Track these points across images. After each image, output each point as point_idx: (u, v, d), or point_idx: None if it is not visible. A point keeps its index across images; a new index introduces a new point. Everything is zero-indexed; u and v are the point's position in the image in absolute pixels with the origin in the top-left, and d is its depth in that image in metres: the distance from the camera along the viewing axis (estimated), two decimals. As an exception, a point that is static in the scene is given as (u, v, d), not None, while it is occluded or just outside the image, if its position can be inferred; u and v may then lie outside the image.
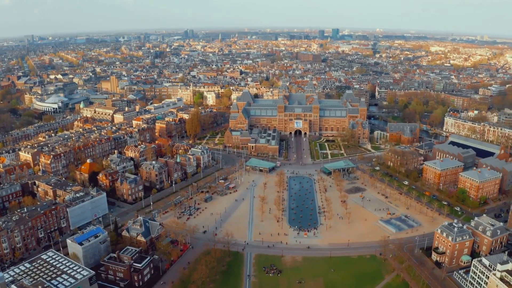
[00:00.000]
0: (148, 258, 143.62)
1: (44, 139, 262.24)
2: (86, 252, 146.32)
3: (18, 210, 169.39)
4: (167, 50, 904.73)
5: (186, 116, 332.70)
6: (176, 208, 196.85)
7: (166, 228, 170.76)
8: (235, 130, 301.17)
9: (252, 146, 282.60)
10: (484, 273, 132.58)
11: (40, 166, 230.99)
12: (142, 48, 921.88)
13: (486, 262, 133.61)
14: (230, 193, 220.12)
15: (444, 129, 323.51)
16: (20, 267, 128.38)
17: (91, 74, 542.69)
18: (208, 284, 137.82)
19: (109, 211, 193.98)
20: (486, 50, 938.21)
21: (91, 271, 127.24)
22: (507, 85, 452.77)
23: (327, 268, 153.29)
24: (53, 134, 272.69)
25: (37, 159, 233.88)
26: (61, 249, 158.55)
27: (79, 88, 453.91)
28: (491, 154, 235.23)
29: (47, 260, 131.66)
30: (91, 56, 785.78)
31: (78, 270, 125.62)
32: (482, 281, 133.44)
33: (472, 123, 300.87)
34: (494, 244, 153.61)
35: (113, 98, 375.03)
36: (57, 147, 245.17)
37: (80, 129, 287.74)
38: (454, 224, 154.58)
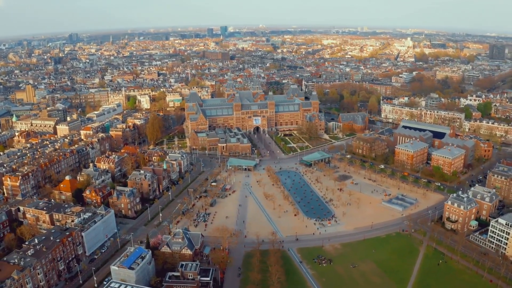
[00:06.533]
0: (211, 270, 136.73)
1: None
2: (138, 276, 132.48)
3: (26, 243, 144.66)
4: (61, 55, 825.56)
5: (137, 122, 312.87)
6: (191, 217, 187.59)
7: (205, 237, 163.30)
8: (200, 132, 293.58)
9: (223, 146, 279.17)
10: (504, 230, 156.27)
11: (5, 190, 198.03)
12: (32, 55, 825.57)
13: (503, 221, 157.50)
14: (230, 194, 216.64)
15: (383, 116, 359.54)
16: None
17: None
18: (278, 284, 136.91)
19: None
20: (374, 41, 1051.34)
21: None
22: (414, 72, 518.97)
23: (367, 250, 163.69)
24: (1, 153, 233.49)
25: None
26: (95, 277, 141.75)
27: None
28: (442, 134, 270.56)
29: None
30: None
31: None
32: (502, 237, 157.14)
33: (410, 109, 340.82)
34: (492, 208, 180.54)
35: (49, 109, 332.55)
36: (14, 167, 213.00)
37: (28, 144, 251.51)
38: (461, 195, 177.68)
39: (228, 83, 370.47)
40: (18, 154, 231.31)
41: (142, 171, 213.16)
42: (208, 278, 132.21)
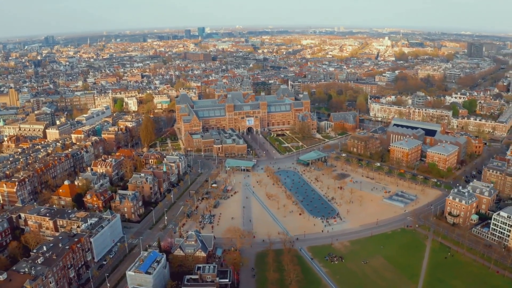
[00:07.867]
0: (229, 271, 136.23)
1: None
2: (155, 281, 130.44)
3: (34, 251, 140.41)
4: (39, 58, 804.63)
5: (129, 124, 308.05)
6: (197, 219, 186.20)
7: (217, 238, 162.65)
8: (194, 133, 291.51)
9: (219, 148, 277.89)
10: (506, 223, 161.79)
11: (1, 196, 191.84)
12: (10, 58, 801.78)
13: (505, 214, 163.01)
14: (232, 195, 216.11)
15: (371, 115, 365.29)
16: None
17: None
18: (296, 283, 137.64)
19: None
20: (352, 41, 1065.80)
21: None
22: (396, 71, 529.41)
23: (376, 246, 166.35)
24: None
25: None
26: (108, 283, 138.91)
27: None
28: (433, 131, 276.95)
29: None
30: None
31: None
32: (504, 229, 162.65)
33: (398, 107, 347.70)
34: (491, 202, 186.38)
35: (36, 112, 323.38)
36: (7, 172, 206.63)
37: (19, 149, 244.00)
38: (462, 190, 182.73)
39: (218, 84, 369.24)
40: (10, 159, 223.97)
41: (142, 174, 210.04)
42: (227, 280, 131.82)
